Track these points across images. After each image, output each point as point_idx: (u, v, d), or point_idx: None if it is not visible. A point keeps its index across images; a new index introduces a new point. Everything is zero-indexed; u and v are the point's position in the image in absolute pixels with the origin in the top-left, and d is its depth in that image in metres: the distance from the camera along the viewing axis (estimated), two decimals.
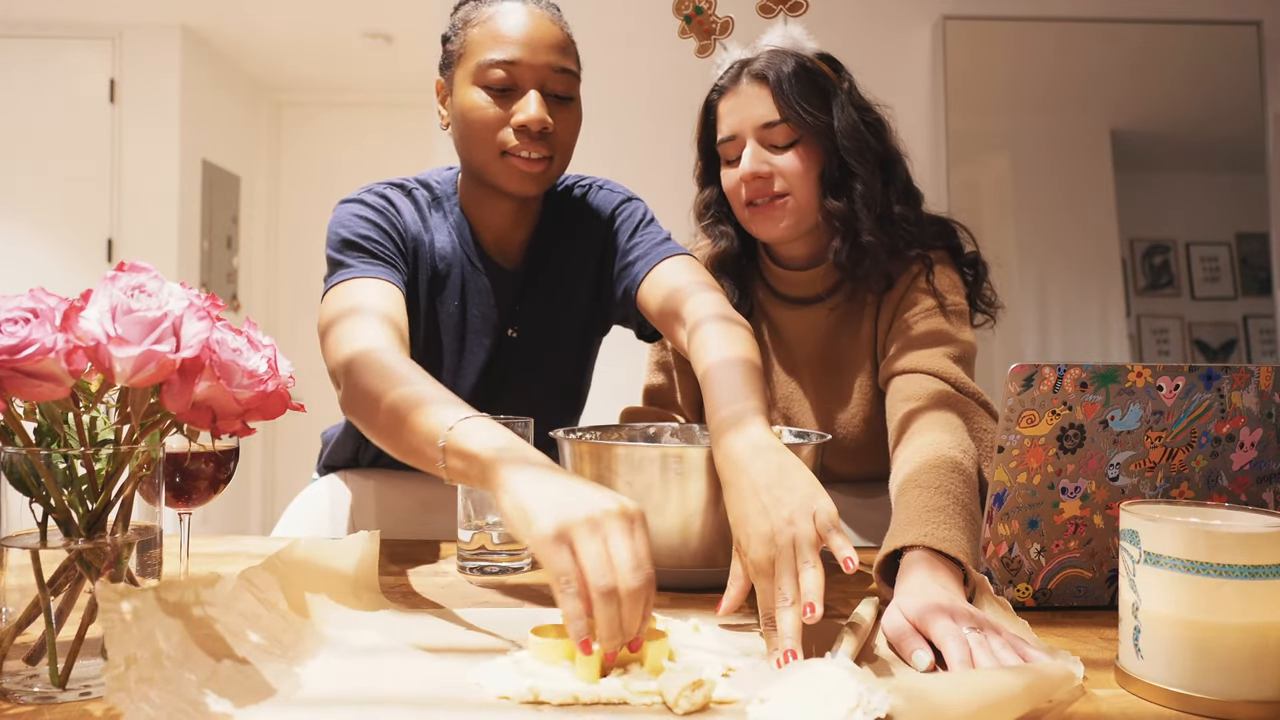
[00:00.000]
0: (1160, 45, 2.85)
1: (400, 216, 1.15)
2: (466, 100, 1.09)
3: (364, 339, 0.93)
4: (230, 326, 0.65)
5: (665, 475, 0.85)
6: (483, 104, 1.08)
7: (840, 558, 0.69)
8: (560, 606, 0.62)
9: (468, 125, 1.10)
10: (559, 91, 1.10)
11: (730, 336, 0.95)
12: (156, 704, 0.51)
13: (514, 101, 1.08)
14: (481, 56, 1.08)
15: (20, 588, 0.60)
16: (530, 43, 1.08)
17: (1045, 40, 2.83)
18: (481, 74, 1.08)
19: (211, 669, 0.57)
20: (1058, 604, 0.83)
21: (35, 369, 0.56)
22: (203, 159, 4.11)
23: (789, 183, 1.17)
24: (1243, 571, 0.57)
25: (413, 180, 1.21)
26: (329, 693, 0.60)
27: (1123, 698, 0.62)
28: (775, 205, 1.18)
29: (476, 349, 1.19)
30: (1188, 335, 2.89)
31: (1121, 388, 0.76)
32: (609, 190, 1.25)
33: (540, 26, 1.09)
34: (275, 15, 3.87)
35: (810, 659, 0.61)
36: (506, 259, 1.20)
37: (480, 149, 1.10)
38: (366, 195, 1.15)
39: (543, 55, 1.08)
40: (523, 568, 0.97)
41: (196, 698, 0.55)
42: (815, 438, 0.97)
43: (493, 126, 1.08)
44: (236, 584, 0.65)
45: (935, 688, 0.58)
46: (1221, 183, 2.91)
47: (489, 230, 1.18)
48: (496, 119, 1.08)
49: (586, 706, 0.59)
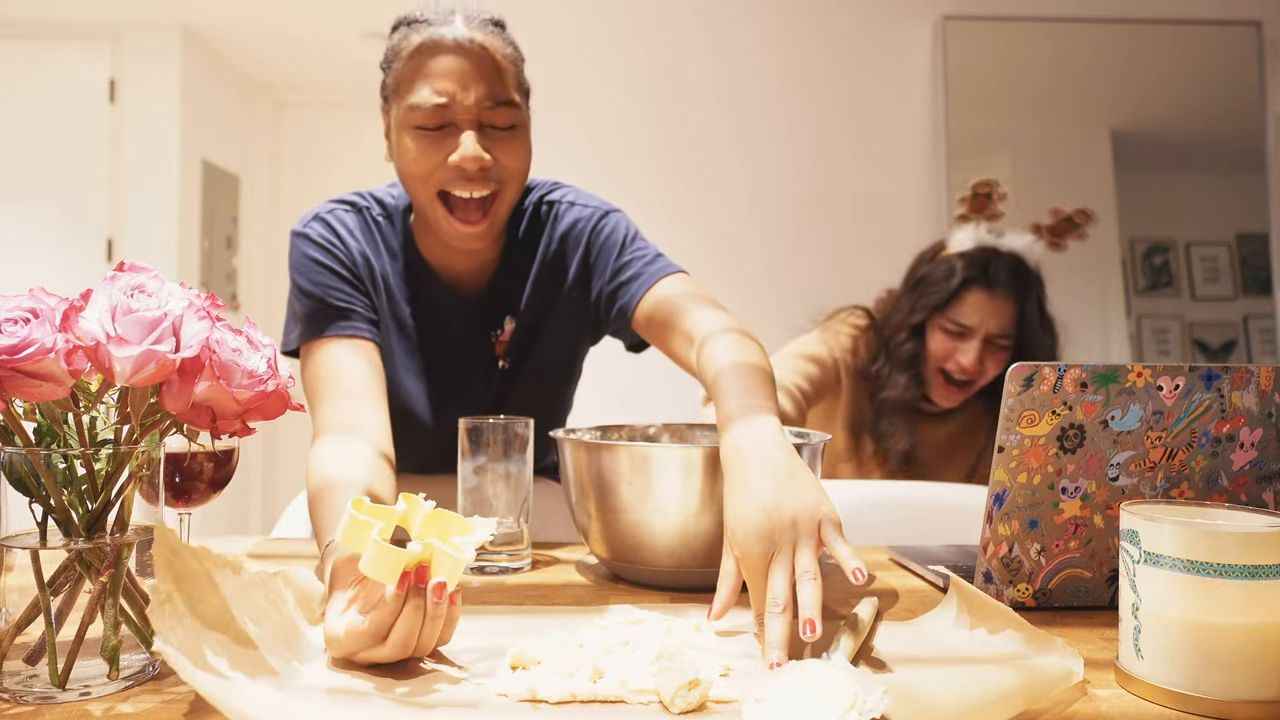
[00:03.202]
0: (1160, 45, 2.85)
1: (347, 249, 1.10)
2: (401, 144, 1.04)
3: (330, 468, 0.91)
4: (230, 326, 0.65)
5: (665, 475, 0.85)
6: (416, 149, 1.02)
7: (848, 569, 0.68)
8: None
9: (403, 170, 1.05)
10: (499, 124, 1.03)
11: (744, 347, 0.94)
12: (182, 640, 0.54)
13: (450, 137, 1.02)
14: (410, 98, 1.02)
15: (20, 588, 0.60)
16: (461, 78, 1.00)
17: (1045, 40, 2.82)
18: (412, 117, 1.02)
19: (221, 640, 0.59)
20: (1058, 604, 0.83)
21: (35, 369, 0.56)
22: (203, 159, 4.11)
23: (987, 372, 1.45)
24: (1243, 571, 0.57)
25: (368, 197, 1.16)
26: (328, 685, 0.61)
27: (1123, 698, 0.62)
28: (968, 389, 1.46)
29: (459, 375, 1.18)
30: (1188, 335, 2.89)
31: (1121, 388, 0.76)
32: (582, 205, 1.19)
33: (472, 55, 1.01)
34: (275, 15, 3.87)
35: (807, 659, 0.62)
36: (460, 281, 1.16)
37: (419, 193, 1.05)
38: (314, 229, 1.10)
39: (476, 91, 1.01)
40: (522, 568, 0.97)
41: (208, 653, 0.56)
42: (816, 438, 0.97)
43: (428, 172, 1.03)
44: (252, 579, 0.66)
45: (930, 687, 0.58)
46: (1221, 183, 2.91)
47: (445, 253, 1.14)
48: (431, 164, 1.02)
49: (583, 705, 0.59)
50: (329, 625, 0.66)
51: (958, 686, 0.59)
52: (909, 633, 0.75)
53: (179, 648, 0.53)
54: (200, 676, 0.52)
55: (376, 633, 0.63)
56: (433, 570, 0.64)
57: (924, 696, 0.56)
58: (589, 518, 0.91)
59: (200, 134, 4.06)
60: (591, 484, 0.89)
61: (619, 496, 0.87)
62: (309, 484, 0.94)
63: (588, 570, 0.98)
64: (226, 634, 0.60)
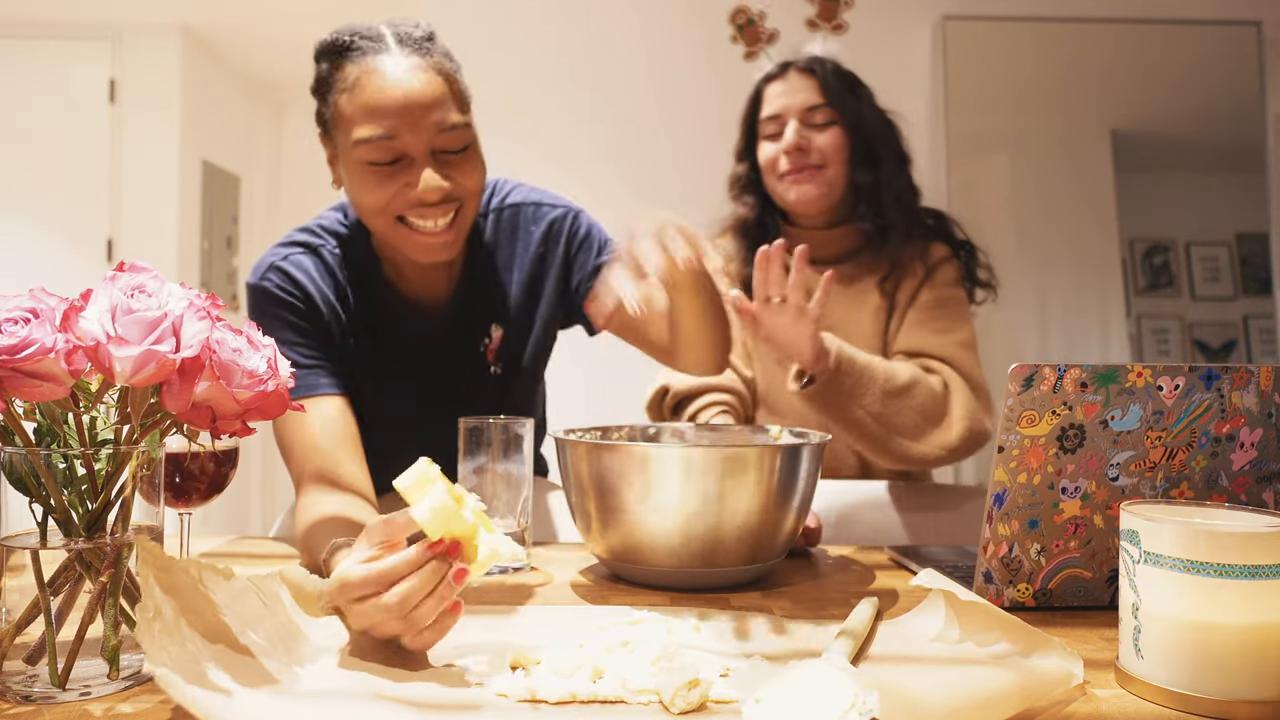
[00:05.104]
0: (1160, 45, 2.85)
1: (307, 297, 1.07)
2: (352, 176, 1.01)
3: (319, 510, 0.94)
4: (230, 326, 0.65)
5: (665, 475, 0.85)
6: (370, 184, 0.99)
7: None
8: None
9: (359, 204, 1.02)
10: (452, 147, 1.00)
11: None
12: (175, 657, 0.54)
13: (404, 172, 0.99)
14: (357, 133, 0.97)
15: (20, 588, 0.60)
16: (408, 108, 0.96)
17: (1045, 40, 2.83)
18: (362, 152, 0.98)
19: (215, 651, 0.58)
20: (1058, 604, 0.83)
21: (35, 369, 0.56)
22: (203, 159, 4.11)
23: (825, 156, 1.37)
24: (1243, 571, 0.57)
25: (321, 233, 1.12)
26: (328, 688, 0.61)
27: (1123, 698, 0.62)
28: (811, 175, 1.37)
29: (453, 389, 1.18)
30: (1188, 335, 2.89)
31: (1121, 388, 0.76)
32: (550, 205, 1.20)
33: (415, 85, 0.97)
34: (275, 15, 3.87)
35: (806, 659, 0.62)
36: (428, 296, 1.15)
37: (377, 224, 1.03)
38: (271, 280, 1.07)
39: (425, 118, 0.97)
40: (523, 568, 0.97)
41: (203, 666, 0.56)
42: (816, 438, 0.97)
43: (386, 205, 1.00)
44: (245, 584, 0.66)
45: (923, 688, 0.58)
46: (1221, 183, 2.91)
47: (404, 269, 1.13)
48: (388, 197, 1.00)
49: (583, 705, 0.59)
50: (342, 567, 0.67)
51: (952, 687, 0.59)
52: (905, 633, 0.74)
53: (171, 665, 0.52)
54: (193, 693, 0.51)
55: (384, 579, 0.64)
56: (464, 554, 0.65)
57: (915, 697, 0.56)
58: (589, 518, 0.91)
59: (200, 134, 4.06)
60: (591, 484, 0.89)
61: (619, 496, 0.87)
62: (298, 528, 0.95)
63: (588, 570, 0.98)
64: (221, 643, 0.59)
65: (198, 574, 0.61)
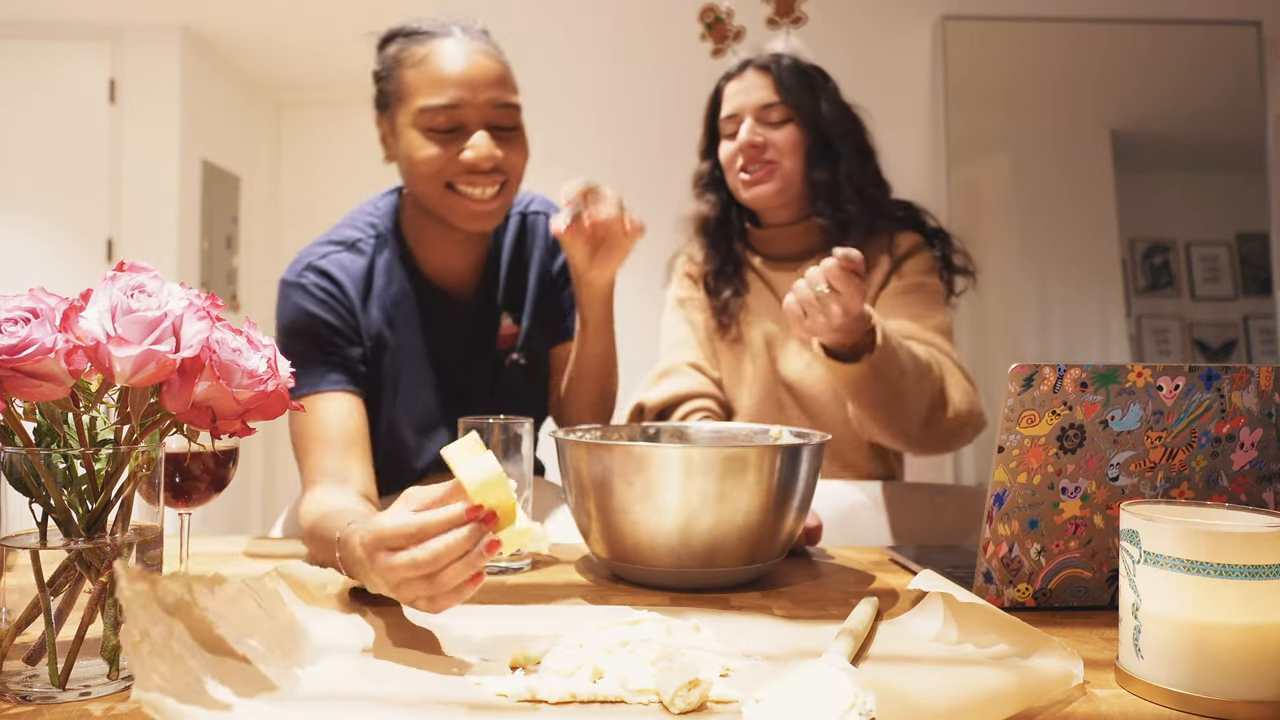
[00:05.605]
0: (1160, 45, 2.85)
1: (346, 297, 1.14)
2: (411, 143, 1.10)
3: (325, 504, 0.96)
4: (230, 326, 0.65)
5: (665, 475, 0.85)
6: (429, 147, 1.09)
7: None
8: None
9: (414, 169, 1.11)
10: (505, 124, 1.11)
11: None
12: (166, 677, 0.53)
13: (460, 140, 1.09)
14: (422, 101, 1.08)
15: (20, 588, 0.60)
16: (470, 82, 1.08)
17: (1045, 40, 2.82)
18: (424, 119, 1.08)
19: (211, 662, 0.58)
20: (1058, 604, 0.83)
21: (35, 369, 0.56)
22: (202, 159, 4.11)
23: (780, 152, 1.37)
24: (1243, 571, 0.57)
25: (360, 229, 1.19)
26: (329, 690, 0.60)
27: (1123, 698, 0.62)
28: (766, 171, 1.37)
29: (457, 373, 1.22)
30: (1188, 335, 2.89)
31: (1121, 388, 0.76)
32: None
33: (478, 63, 1.09)
34: (275, 15, 3.87)
35: (806, 659, 0.62)
36: (457, 286, 1.22)
37: (429, 188, 1.11)
38: (309, 279, 1.13)
39: (485, 93, 1.08)
40: (523, 568, 0.98)
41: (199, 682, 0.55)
42: (816, 438, 0.97)
43: (441, 168, 1.09)
44: (240, 588, 0.65)
45: (922, 688, 0.58)
46: (1221, 183, 2.91)
47: (436, 256, 1.20)
48: (444, 161, 1.09)
49: (583, 705, 0.59)
50: (379, 518, 0.69)
51: (951, 687, 0.59)
52: (905, 633, 0.74)
53: (162, 687, 0.51)
54: (187, 712, 0.51)
55: (423, 532, 0.66)
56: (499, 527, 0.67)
57: (915, 697, 0.56)
58: (589, 518, 0.91)
59: (200, 134, 4.06)
60: (591, 484, 0.89)
61: (619, 496, 0.87)
62: (304, 522, 0.97)
63: (588, 570, 0.98)
64: (216, 654, 0.58)
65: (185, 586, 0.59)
